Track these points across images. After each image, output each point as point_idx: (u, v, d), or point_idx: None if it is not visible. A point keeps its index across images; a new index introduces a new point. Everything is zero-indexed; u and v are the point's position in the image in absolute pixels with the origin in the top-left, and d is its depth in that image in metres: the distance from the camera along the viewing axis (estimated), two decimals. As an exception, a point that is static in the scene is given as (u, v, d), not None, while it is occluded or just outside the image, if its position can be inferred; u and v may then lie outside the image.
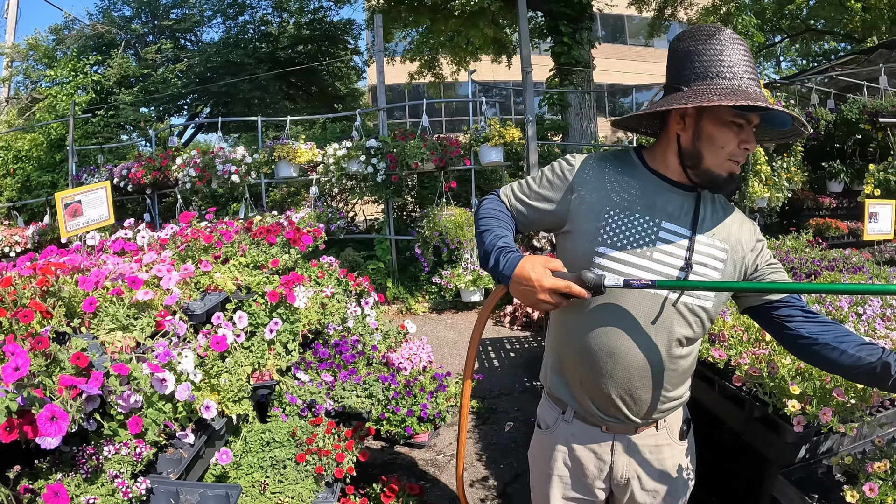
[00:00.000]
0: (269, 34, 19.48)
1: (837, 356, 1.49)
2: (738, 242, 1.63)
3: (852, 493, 1.70)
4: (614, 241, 1.55)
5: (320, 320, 3.97)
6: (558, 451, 1.79)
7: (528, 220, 1.71)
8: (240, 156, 8.15)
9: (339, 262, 7.26)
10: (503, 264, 1.51)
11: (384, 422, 3.86)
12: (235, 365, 3.01)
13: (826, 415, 1.90)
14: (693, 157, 1.53)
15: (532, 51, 11.18)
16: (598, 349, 1.60)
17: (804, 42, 22.31)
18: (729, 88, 1.43)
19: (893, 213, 6.35)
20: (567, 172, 1.63)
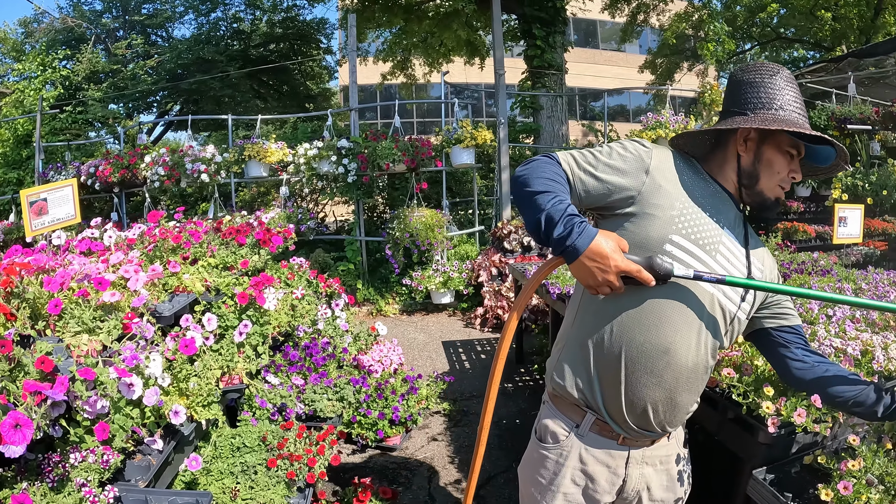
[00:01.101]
0: (241, 32, 19.30)
1: (836, 383, 1.61)
2: (770, 269, 1.71)
3: (827, 491, 1.69)
4: (688, 231, 1.53)
5: (290, 322, 3.94)
6: (567, 468, 1.68)
7: (590, 194, 1.55)
8: (209, 154, 8.04)
9: (309, 263, 7.24)
10: (577, 234, 1.36)
11: (356, 425, 3.83)
12: (204, 368, 2.97)
13: (800, 415, 1.91)
14: (751, 178, 1.60)
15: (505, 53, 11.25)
16: (654, 344, 1.53)
17: (774, 50, 22.69)
18: (789, 120, 1.52)
19: (862, 217, 6.49)
20: (644, 154, 1.57)
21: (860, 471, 1.72)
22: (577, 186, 1.55)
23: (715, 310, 1.55)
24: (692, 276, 1.40)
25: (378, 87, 19.40)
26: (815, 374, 1.64)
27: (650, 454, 1.70)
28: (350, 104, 8.22)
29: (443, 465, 3.72)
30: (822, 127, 9.80)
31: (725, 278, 1.42)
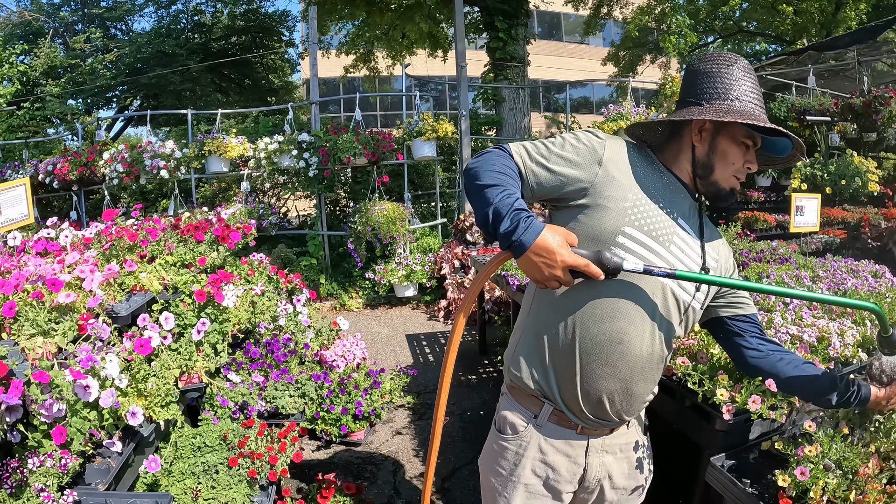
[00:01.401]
0: (202, 24, 19.01)
1: (791, 370, 1.67)
2: (725, 259, 1.73)
3: (784, 477, 1.69)
4: (641, 223, 1.53)
5: (251, 319, 3.91)
6: (527, 459, 1.68)
7: (542, 186, 1.55)
8: (169, 150, 7.90)
9: (271, 259, 7.17)
10: (523, 229, 1.34)
11: (319, 421, 3.83)
12: (162, 368, 2.94)
13: (755, 402, 1.94)
14: (705, 168, 1.60)
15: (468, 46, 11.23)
16: (608, 336, 1.53)
17: (736, 43, 23.03)
18: (744, 111, 1.53)
19: (818, 206, 6.64)
20: (597, 145, 1.55)
21: (817, 456, 1.73)
22: (530, 179, 1.54)
23: (668, 300, 1.56)
24: (642, 269, 1.40)
25: (341, 80, 19.30)
26: (770, 363, 1.68)
27: (609, 443, 1.71)
28: (311, 97, 8.16)
29: (408, 459, 3.74)
30: (782, 118, 10.01)
31: (676, 272, 1.41)
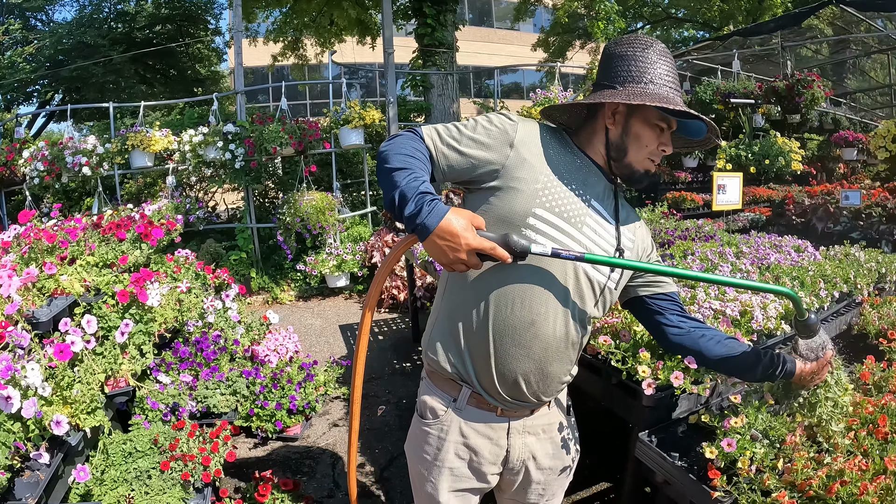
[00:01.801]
0: (125, 13, 18.22)
1: (712, 346, 1.71)
2: (642, 240, 1.76)
3: (711, 449, 1.73)
4: (552, 205, 1.53)
5: (178, 318, 3.83)
6: (449, 443, 1.69)
7: (453, 168, 1.55)
8: (91, 146, 7.60)
9: (199, 254, 7.04)
10: (427, 213, 1.33)
11: (254, 418, 3.79)
12: (86, 373, 2.86)
13: (678, 378, 1.98)
14: (619, 151, 1.61)
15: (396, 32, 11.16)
16: (519, 318, 1.54)
17: (665, 29, 23.47)
18: (658, 94, 1.53)
19: (741, 184, 6.86)
20: (509, 126, 1.55)
21: (744, 427, 1.76)
22: (440, 161, 1.53)
23: (581, 281, 1.57)
24: (550, 252, 1.39)
25: (269, 68, 18.88)
26: (692, 340, 1.71)
27: (531, 423, 1.73)
28: (236, 87, 8.01)
29: (345, 451, 3.73)
30: (708, 101, 10.31)
31: (585, 255, 1.42)
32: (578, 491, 3.20)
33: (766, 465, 1.66)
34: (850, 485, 1.47)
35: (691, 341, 1.71)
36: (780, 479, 1.60)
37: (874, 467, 1.58)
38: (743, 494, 1.60)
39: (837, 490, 1.47)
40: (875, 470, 1.58)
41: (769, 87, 9.83)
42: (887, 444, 1.75)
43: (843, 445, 1.72)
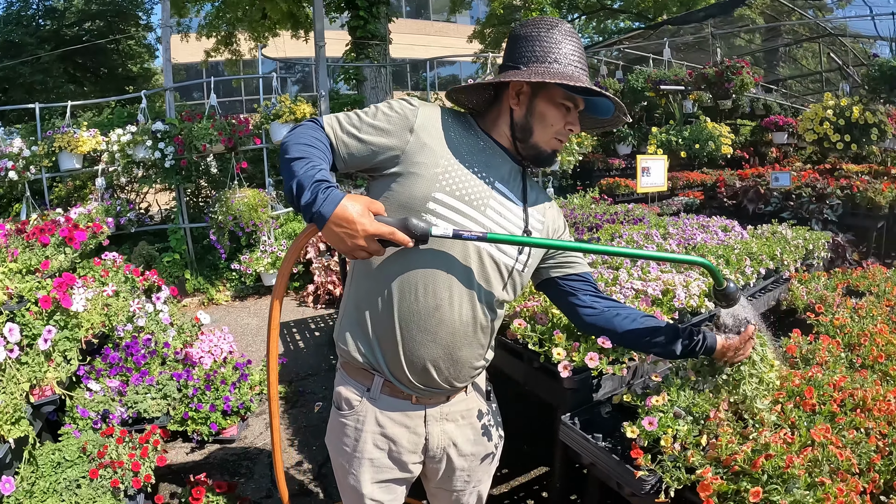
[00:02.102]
0: (53, 10, 17.57)
1: (627, 325, 1.69)
2: (552, 221, 1.75)
3: (632, 428, 1.74)
4: (452, 189, 1.52)
5: (106, 323, 3.72)
6: (367, 433, 1.67)
7: (354, 156, 1.53)
8: (16, 149, 7.24)
9: (132, 257, 6.85)
10: (322, 200, 1.32)
11: (189, 421, 3.69)
12: (10, 383, 2.76)
13: (592, 359, 1.99)
14: (524, 131, 1.60)
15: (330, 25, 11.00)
16: (423, 303, 1.53)
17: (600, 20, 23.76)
18: (563, 73, 1.52)
19: (665, 167, 6.97)
20: (409, 112, 1.54)
21: (666, 405, 1.77)
22: (341, 150, 1.52)
23: (486, 264, 1.56)
24: (451, 234, 1.38)
25: (202, 64, 18.51)
26: (606, 319, 1.70)
27: (448, 410, 1.72)
28: (165, 84, 7.76)
29: (283, 449, 3.68)
30: (639, 89, 10.49)
31: (487, 235, 1.41)
32: (518, 476, 3.21)
33: (690, 443, 1.66)
34: (776, 458, 1.48)
35: (605, 321, 1.71)
36: (705, 456, 1.61)
37: (800, 440, 1.60)
38: (667, 472, 1.60)
39: (763, 464, 1.47)
40: (801, 442, 1.60)
41: (699, 74, 10.05)
42: (815, 415, 1.78)
43: (769, 420, 1.73)
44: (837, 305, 3.14)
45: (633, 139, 10.61)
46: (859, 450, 1.61)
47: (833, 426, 1.71)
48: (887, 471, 1.59)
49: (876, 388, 1.97)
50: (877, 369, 2.30)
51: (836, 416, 1.79)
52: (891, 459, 1.61)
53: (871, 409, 1.83)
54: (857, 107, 7.89)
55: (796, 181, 8.15)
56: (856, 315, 2.97)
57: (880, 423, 1.75)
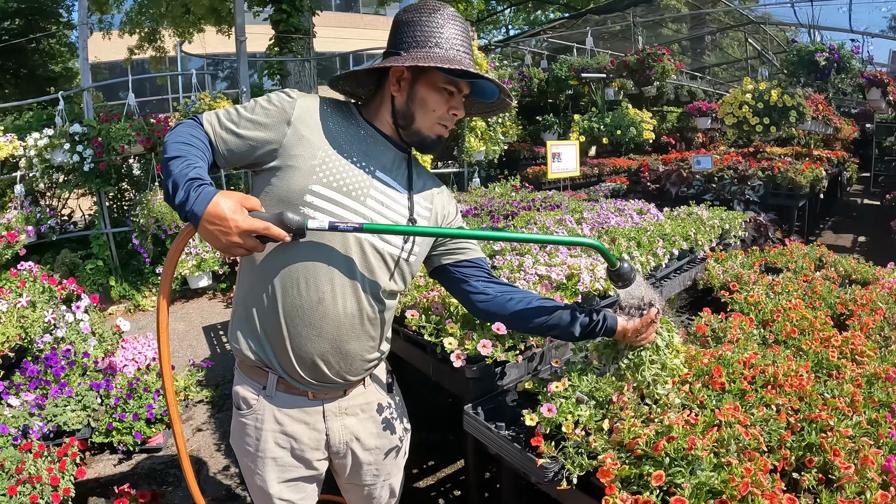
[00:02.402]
0: (-32, 8, 16.75)
1: (522, 309, 1.69)
2: (441, 206, 1.75)
3: (531, 416, 1.71)
4: (330, 180, 1.51)
5: (22, 335, 3.62)
6: (267, 432, 1.66)
7: (233, 152, 1.53)
8: (-69, 158, 6.95)
9: (56, 266, 6.63)
10: (194, 199, 1.32)
11: (114, 432, 3.62)
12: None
13: (486, 347, 1.97)
14: (406, 118, 1.59)
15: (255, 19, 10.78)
16: (306, 297, 1.52)
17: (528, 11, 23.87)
18: (444, 56, 1.52)
19: (577, 152, 7.09)
20: (287, 105, 1.53)
21: (567, 390, 1.74)
22: (220, 146, 1.52)
23: (369, 254, 1.56)
24: (327, 226, 1.38)
25: (125, 62, 17.93)
26: (499, 304, 1.70)
27: (347, 404, 1.72)
28: (83, 84, 7.51)
29: (210, 455, 3.65)
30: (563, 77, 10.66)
31: (363, 226, 1.40)
32: (444, 467, 3.24)
33: (593, 428, 1.65)
34: (679, 440, 1.46)
35: (498, 306, 1.71)
36: (608, 441, 1.59)
37: (705, 420, 1.58)
38: (569, 459, 1.58)
39: (665, 447, 1.45)
40: (706, 423, 1.58)
41: (621, 62, 10.28)
42: (724, 394, 1.77)
43: (675, 403, 1.71)
44: (753, 283, 3.16)
45: (558, 127, 10.78)
46: (769, 427, 1.60)
47: (743, 404, 1.70)
48: (799, 447, 1.56)
49: (788, 364, 1.97)
50: (790, 345, 2.31)
51: (747, 393, 1.77)
52: (802, 435, 1.58)
53: (783, 385, 1.82)
54: (776, 90, 8.17)
55: (718, 164, 8.41)
56: (771, 292, 3.00)
57: (792, 399, 1.74)
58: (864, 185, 16.37)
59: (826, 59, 8.64)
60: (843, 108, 16.28)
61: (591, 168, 9.77)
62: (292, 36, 9.65)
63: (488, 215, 4.63)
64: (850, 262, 3.55)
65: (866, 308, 2.70)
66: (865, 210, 12.86)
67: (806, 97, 8.40)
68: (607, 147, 10.31)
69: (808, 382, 1.82)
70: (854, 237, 9.72)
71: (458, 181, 9.15)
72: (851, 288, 3.07)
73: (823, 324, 2.46)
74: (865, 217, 11.66)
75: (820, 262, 3.73)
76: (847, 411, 1.68)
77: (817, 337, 2.30)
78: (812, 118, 8.70)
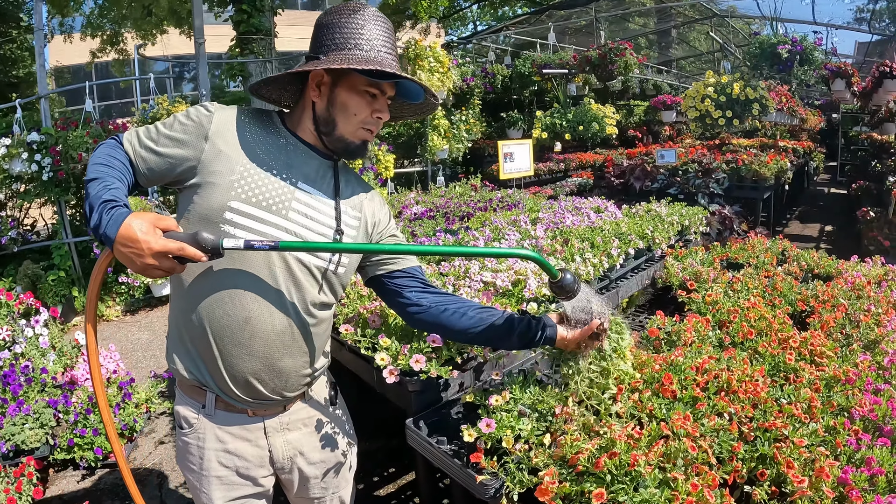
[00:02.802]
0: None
1: (457, 319, 1.65)
2: (371, 213, 1.70)
3: (469, 431, 1.65)
4: (249, 196, 1.46)
5: (-25, 353, 3.53)
6: (209, 451, 1.63)
7: (153, 171, 1.50)
8: None
9: (18, 278, 6.49)
10: (106, 222, 1.29)
11: (76, 448, 3.55)
12: None
13: (419, 362, 1.92)
14: (327, 124, 1.54)
15: (216, 20, 10.65)
16: (232, 316, 1.49)
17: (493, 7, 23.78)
18: (363, 58, 1.47)
19: (530, 151, 7.07)
20: (204, 119, 1.49)
21: (509, 402, 1.70)
22: (140, 165, 1.49)
23: (294, 269, 1.52)
24: (243, 246, 1.34)
25: (87, 66, 17.65)
26: (433, 316, 1.67)
27: (289, 419, 1.69)
28: (40, 90, 7.37)
29: (172, 468, 3.59)
30: (526, 73, 10.66)
31: (279, 244, 1.35)
32: (405, 475, 3.23)
33: (534, 442, 1.60)
34: (621, 455, 1.40)
35: (432, 317, 1.68)
36: (550, 455, 1.53)
37: (649, 434, 1.53)
38: (510, 475, 1.53)
39: (605, 463, 1.39)
40: (651, 436, 1.52)
41: (583, 57, 10.32)
42: (675, 402, 1.71)
43: (615, 412, 1.66)
44: (713, 280, 3.12)
45: (523, 123, 10.79)
46: (720, 438, 1.54)
47: (694, 413, 1.65)
48: (752, 458, 1.50)
49: (743, 369, 1.92)
50: (746, 347, 2.26)
51: (699, 401, 1.72)
52: (755, 446, 1.52)
53: (737, 392, 1.77)
54: (738, 83, 8.24)
55: (683, 157, 8.46)
56: (730, 290, 2.96)
57: (745, 407, 1.68)
58: (830, 174, 16.65)
59: (788, 52, 8.72)
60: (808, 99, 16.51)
61: (556, 164, 9.76)
62: (253, 37, 9.54)
63: (444, 217, 4.59)
64: (813, 256, 3.54)
65: (827, 305, 2.68)
66: (832, 199, 13.06)
67: (769, 89, 8.49)
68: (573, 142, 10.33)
69: (763, 388, 1.78)
70: (821, 227, 9.85)
71: (422, 180, 9.10)
72: (813, 284, 3.04)
73: (782, 323, 2.43)
74: (832, 206, 11.84)
75: (783, 257, 3.72)
76: (804, 418, 1.64)
77: (775, 338, 2.26)
78: (776, 110, 8.80)
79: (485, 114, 10.78)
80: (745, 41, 14.92)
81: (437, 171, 9.01)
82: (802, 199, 12.49)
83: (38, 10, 7.81)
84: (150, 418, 4.03)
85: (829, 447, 1.54)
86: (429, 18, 11.31)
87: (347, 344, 2.27)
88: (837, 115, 17.00)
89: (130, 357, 5.33)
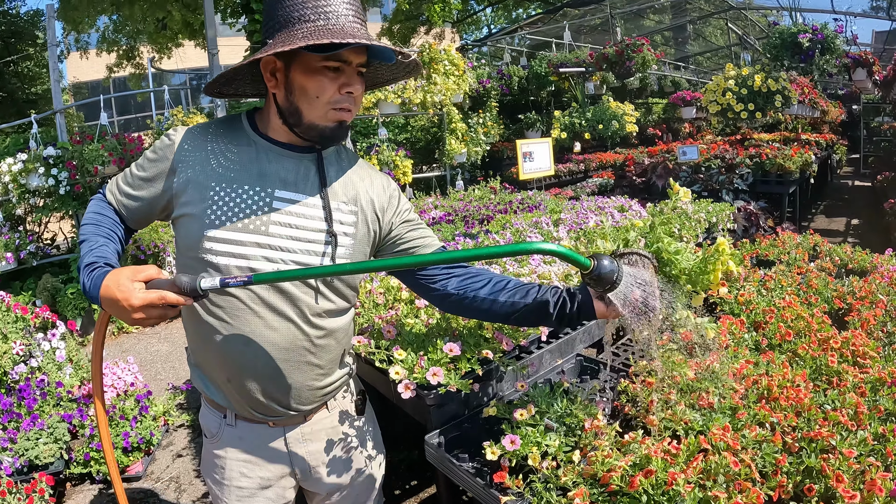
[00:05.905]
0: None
1: (489, 306, 1.49)
2: (369, 202, 1.53)
3: (493, 449, 1.53)
4: (224, 220, 1.36)
5: (-5, 367, 3.49)
6: (231, 461, 1.59)
7: (136, 215, 1.47)
8: None
9: (37, 291, 6.49)
10: (89, 285, 1.28)
11: (92, 462, 3.51)
12: None
13: (437, 375, 1.78)
14: (293, 114, 1.38)
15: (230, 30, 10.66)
16: (232, 341, 1.42)
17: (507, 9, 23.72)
18: (310, 31, 1.28)
19: (550, 150, 6.94)
20: (167, 150, 1.41)
21: (534, 417, 1.61)
22: (125, 213, 1.49)
23: (286, 284, 1.42)
24: (219, 285, 1.25)
25: (104, 81, 17.82)
26: (463, 305, 1.53)
27: (310, 430, 1.62)
28: (55, 106, 7.41)
29: (189, 482, 3.51)
30: (543, 73, 10.55)
31: (252, 278, 1.23)
32: (427, 488, 3.14)
33: (563, 458, 1.49)
34: (658, 473, 1.28)
35: (462, 307, 1.54)
36: (580, 473, 1.41)
37: (687, 449, 1.39)
38: (536, 496, 1.40)
39: (641, 482, 1.26)
40: (689, 451, 1.39)
41: (600, 55, 10.19)
42: (713, 413, 1.58)
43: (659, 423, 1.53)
44: (744, 279, 2.96)
45: (541, 125, 10.66)
46: (763, 451, 1.40)
47: (734, 424, 1.51)
48: (797, 472, 1.37)
49: (783, 373, 1.78)
50: (785, 349, 2.11)
51: (738, 410, 1.58)
52: (801, 458, 1.39)
53: (779, 399, 1.63)
54: (759, 75, 8.07)
55: (705, 154, 8.31)
56: (763, 288, 2.81)
57: (788, 416, 1.54)
58: (853, 166, 16.37)
59: (810, 40, 8.55)
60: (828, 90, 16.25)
61: (576, 164, 9.60)
62: (266, 46, 9.54)
63: (463, 221, 4.50)
64: (846, 251, 3.39)
65: (866, 301, 2.54)
66: (857, 192, 12.82)
67: (791, 80, 8.31)
68: (592, 142, 10.20)
69: (805, 394, 1.63)
70: (847, 220, 9.64)
71: (440, 185, 8.98)
72: (849, 279, 2.88)
73: (821, 322, 2.27)
74: (857, 199, 11.61)
75: (814, 252, 3.57)
76: (850, 425, 1.49)
77: (815, 339, 2.11)
78: (798, 102, 8.60)
79: (502, 116, 10.66)
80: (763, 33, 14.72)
81: (455, 175, 8.90)
82: (827, 193, 12.26)
83: (50, 25, 7.87)
84: (167, 431, 3.97)
85: (878, 457, 1.41)
86: (442, 23, 11.25)
87: (362, 356, 2.15)
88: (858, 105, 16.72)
89: (150, 369, 5.28)
